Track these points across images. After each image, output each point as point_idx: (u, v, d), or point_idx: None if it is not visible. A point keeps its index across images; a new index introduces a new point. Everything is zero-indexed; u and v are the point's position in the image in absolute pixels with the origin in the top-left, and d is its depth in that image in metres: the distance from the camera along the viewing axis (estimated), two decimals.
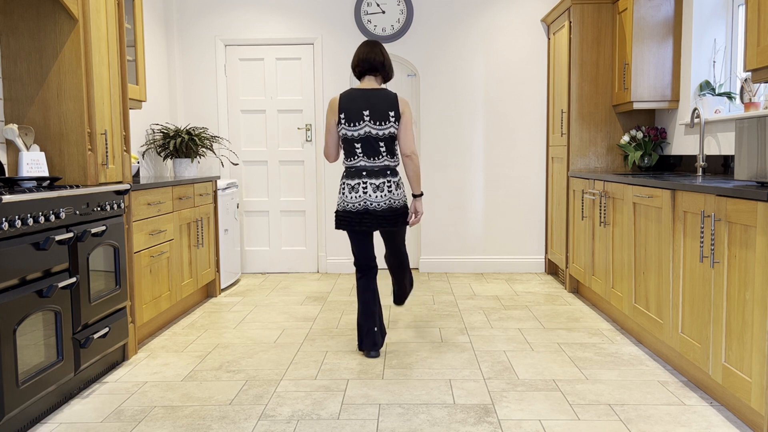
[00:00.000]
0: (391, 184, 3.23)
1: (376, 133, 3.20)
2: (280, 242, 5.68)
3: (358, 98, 3.22)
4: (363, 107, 3.20)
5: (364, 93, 3.23)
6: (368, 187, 3.22)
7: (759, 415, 2.35)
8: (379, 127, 3.20)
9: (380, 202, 3.22)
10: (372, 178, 3.22)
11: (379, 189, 3.22)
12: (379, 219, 3.22)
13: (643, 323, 3.31)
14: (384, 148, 3.23)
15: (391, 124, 3.21)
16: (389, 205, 3.23)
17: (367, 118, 3.19)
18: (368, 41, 3.33)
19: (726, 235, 2.48)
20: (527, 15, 5.45)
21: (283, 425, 2.50)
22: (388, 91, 3.26)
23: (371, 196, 3.22)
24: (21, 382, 2.36)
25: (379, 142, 3.21)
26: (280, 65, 5.57)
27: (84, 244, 2.84)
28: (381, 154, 3.23)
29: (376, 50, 3.28)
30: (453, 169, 5.56)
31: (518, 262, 5.59)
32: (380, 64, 3.27)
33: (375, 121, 3.19)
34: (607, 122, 4.79)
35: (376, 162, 3.23)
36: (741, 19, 3.93)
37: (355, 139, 3.22)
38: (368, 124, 3.19)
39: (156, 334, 3.80)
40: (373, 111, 3.20)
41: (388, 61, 3.30)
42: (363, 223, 3.23)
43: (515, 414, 2.57)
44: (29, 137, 3.05)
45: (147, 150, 4.88)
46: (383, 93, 3.24)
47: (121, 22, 3.44)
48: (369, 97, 3.22)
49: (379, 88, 3.27)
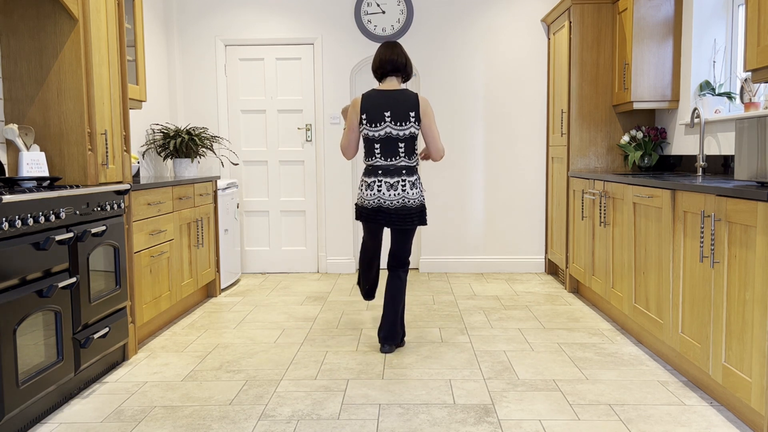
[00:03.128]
0: (405, 183, 3.29)
1: (396, 133, 3.27)
2: (280, 242, 5.68)
3: (380, 99, 3.29)
4: (384, 108, 3.27)
5: (385, 94, 3.31)
6: (383, 185, 3.29)
7: (759, 415, 2.35)
8: (400, 127, 3.27)
9: (393, 200, 3.29)
10: (387, 176, 3.30)
11: (393, 188, 3.29)
12: (392, 217, 3.30)
13: (643, 323, 3.31)
14: (403, 148, 3.30)
15: (411, 125, 3.27)
16: (403, 203, 3.30)
17: (389, 119, 3.27)
18: (387, 42, 3.39)
19: (726, 235, 2.48)
20: (527, 15, 5.45)
21: (283, 425, 2.50)
22: (409, 91, 3.32)
23: (385, 194, 3.29)
24: (21, 382, 2.36)
25: (399, 142, 3.29)
26: (280, 65, 5.57)
27: (84, 244, 2.84)
28: (399, 155, 3.30)
29: (397, 51, 3.34)
30: (453, 169, 5.56)
31: (518, 262, 5.59)
32: (402, 66, 3.34)
33: (396, 122, 3.26)
34: (607, 122, 4.79)
35: (392, 162, 3.30)
36: (741, 19, 3.93)
37: (376, 139, 3.30)
38: (389, 124, 3.27)
39: (156, 334, 3.80)
40: (395, 112, 3.26)
41: (409, 61, 3.38)
42: (377, 219, 3.33)
43: (515, 414, 2.57)
44: (29, 137, 3.05)
45: (147, 150, 4.89)
46: (404, 93, 3.30)
47: (121, 22, 3.44)
48: (390, 98, 3.29)
49: (401, 88, 3.33)
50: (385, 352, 3.36)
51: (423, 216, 3.36)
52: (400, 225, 3.31)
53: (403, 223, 3.30)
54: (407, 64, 3.35)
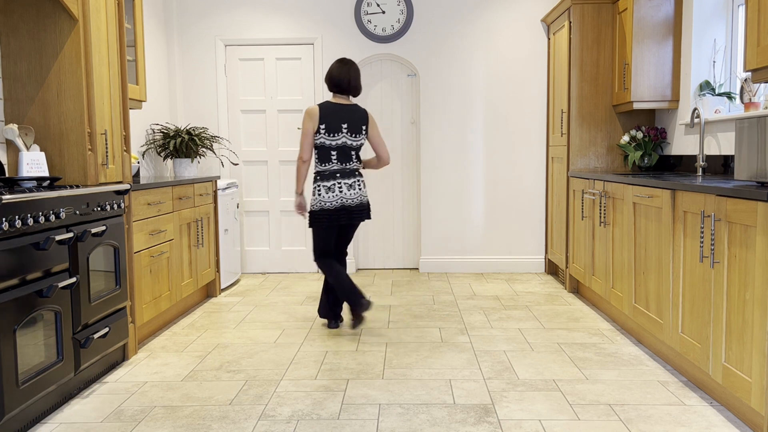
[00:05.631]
0: (360, 183, 3.76)
1: (351, 143, 3.73)
2: (280, 242, 5.68)
3: (337, 112, 3.71)
4: (342, 120, 3.70)
5: (342, 107, 3.73)
6: (343, 186, 3.70)
7: (759, 415, 2.35)
8: (354, 138, 3.73)
9: (354, 198, 3.72)
10: (344, 178, 3.71)
11: (351, 188, 3.72)
12: (353, 213, 3.73)
13: (643, 323, 3.31)
14: (354, 155, 3.76)
15: (362, 136, 3.77)
16: (360, 201, 3.75)
17: (345, 131, 3.70)
18: (342, 60, 3.76)
19: (726, 235, 2.48)
20: (527, 15, 5.45)
21: (283, 425, 2.50)
22: (360, 107, 3.78)
23: (346, 194, 3.70)
24: (21, 382, 2.36)
25: (352, 150, 3.74)
26: (280, 65, 5.57)
27: (84, 244, 2.84)
28: (352, 160, 3.75)
29: (352, 72, 3.73)
30: (453, 169, 5.56)
31: (518, 262, 5.59)
32: (354, 89, 3.75)
33: (351, 133, 3.72)
34: (607, 122, 4.79)
35: (347, 165, 3.73)
36: (741, 19, 3.93)
37: (332, 147, 3.70)
38: (345, 135, 3.71)
39: (156, 334, 3.80)
40: (350, 125, 3.71)
41: (359, 82, 3.78)
42: (340, 218, 3.70)
43: (515, 414, 2.57)
44: (29, 137, 3.05)
45: (147, 150, 4.89)
46: (357, 109, 3.76)
47: (121, 22, 3.44)
48: (347, 112, 3.73)
49: (353, 103, 3.78)
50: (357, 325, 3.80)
51: (370, 211, 3.83)
52: (358, 219, 3.75)
53: (360, 217, 3.76)
54: (358, 86, 3.77)
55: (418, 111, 5.59)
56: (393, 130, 5.66)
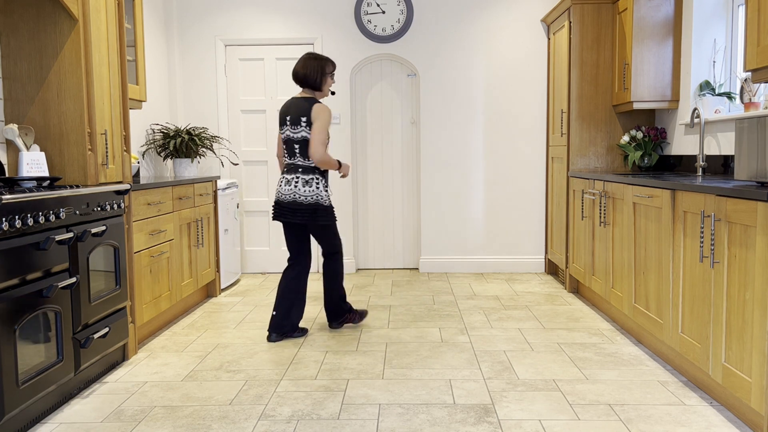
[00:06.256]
0: (299, 181, 3.57)
1: (292, 136, 3.58)
2: (280, 242, 5.68)
3: (288, 105, 3.63)
4: (286, 113, 3.61)
5: (291, 101, 3.63)
6: (283, 181, 3.62)
7: (759, 415, 2.35)
8: (294, 131, 3.57)
9: (287, 194, 3.58)
10: (287, 173, 3.63)
11: (288, 183, 3.59)
12: (284, 210, 3.59)
13: (643, 323, 3.31)
14: (298, 149, 3.58)
15: (302, 129, 3.54)
16: (293, 198, 3.56)
17: (288, 123, 3.59)
18: (307, 54, 3.65)
19: (726, 235, 2.48)
20: (527, 15, 5.45)
21: (283, 425, 2.50)
22: (310, 99, 3.58)
23: (282, 189, 3.61)
24: (21, 382, 2.36)
25: (294, 144, 3.59)
26: (280, 65, 5.57)
27: (84, 244, 2.84)
28: (296, 154, 3.60)
29: (301, 62, 3.60)
30: (453, 169, 5.56)
31: (518, 262, 5.59)
32: (302, 80, 3.60)
33: (292, 125, 3.58)
34: (607, 122, 4.79)
35: (291, 161, 3.62)
36: (741, 19, 3.94)
37: (283, 140, 3.65)
38: (288, 128, 3.59)
39: (156, 334, 3.80)
40: (292, 117, 3.58)
41: (313, 73, 3.58)
42: (281, 214, 3.61)
43: (515, 414, 2.57)
44: (29, 137, 3.05)
45: (147, 150, 4.89)
46: (303, 101, 3.58)
47: (121, 22, 3.44)
48: (293, 105, 3.60)
49: (305, 96, 3.61)
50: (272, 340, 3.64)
51: (315, 215, 3.57)
52: (290, 218, 3.57)
53: (293, 217, 3.57)
54: (308, 76, 3.58)
55: (418, 111, 5.59)
56: (393, 130, 5.66)
